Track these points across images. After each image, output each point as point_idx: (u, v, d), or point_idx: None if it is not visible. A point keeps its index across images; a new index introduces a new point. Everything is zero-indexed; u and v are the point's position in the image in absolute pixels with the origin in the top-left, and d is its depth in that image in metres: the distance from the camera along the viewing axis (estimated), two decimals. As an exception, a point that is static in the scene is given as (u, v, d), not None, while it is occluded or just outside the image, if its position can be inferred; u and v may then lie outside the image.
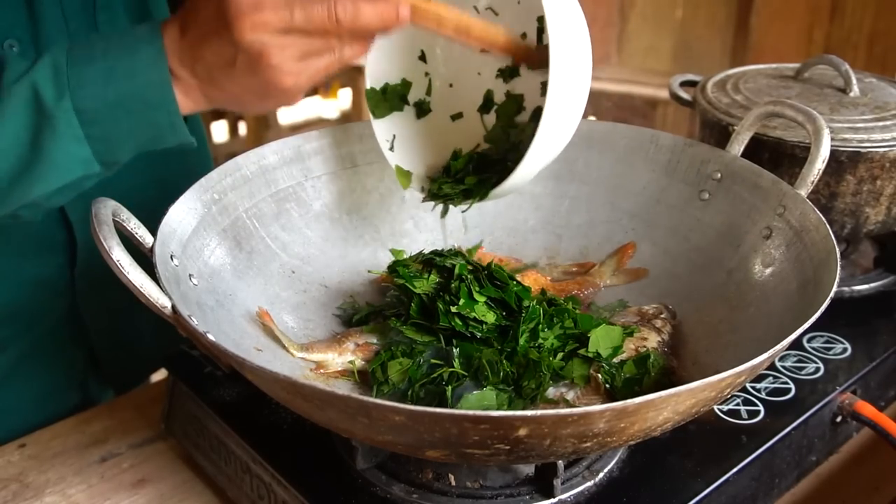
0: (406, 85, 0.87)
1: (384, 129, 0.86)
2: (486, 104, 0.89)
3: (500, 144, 0.87)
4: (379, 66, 0.84)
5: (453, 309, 0.72)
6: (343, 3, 0.63)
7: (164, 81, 0.67)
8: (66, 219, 0.94)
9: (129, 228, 0.70)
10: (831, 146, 0.80)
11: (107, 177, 0.83)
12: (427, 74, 0.88)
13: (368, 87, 0.85)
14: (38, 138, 0.67)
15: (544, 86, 0.70)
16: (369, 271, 0.88)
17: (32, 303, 0.96)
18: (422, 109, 0.88)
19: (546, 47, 0.69)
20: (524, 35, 0.84)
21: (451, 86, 0.89)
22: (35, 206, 0.72)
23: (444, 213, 0.84)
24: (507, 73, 0.87)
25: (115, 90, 0.66)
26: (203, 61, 0.66)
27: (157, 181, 0.97)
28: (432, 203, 0.84)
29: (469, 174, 0.83)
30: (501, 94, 0.88)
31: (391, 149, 0.86)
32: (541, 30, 0.82)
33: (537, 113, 0.85)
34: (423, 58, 0.87)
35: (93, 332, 1.03)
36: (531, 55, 0.77)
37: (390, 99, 0.86)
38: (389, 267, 0.80)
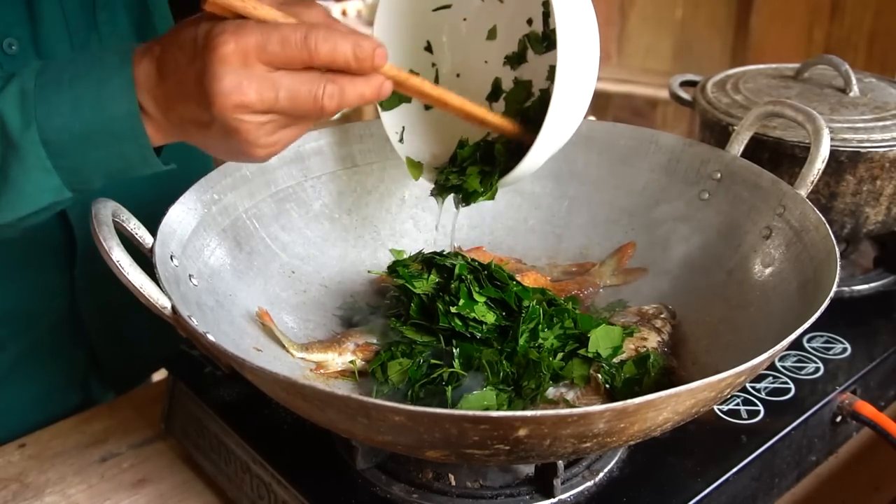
0: (414, 76, 0.86)
1: (392, 120, 0.85)
2: (495, 92, 0.88)
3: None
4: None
5: (453, 309, 0.72)
6: (330, 90, 0.61)
7: (132, 114, 0.63)
8: (66, 219, 0.94)
9: (129, 229, 0.70)
10: (831, 146, 0.80)
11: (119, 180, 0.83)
12: (434, 65, 0.87)
13: None
14: (4, 166, 0.65)
15: (552, 70, 0.70)
16: (369, 271, 0.88)
17: (32, 302, 0.96)
18: None
19: (523, 125, 0.72)
20: (530, 21, 0.83)
21: (458, 76, 0.88)
22: (9, 227, 0.70)
23: (459, 203, 0.82)
24: (515, 60, 0.87)
25: (82, 122, 0.63)
26: (178, 114, 0.64)
27: (157, 181, 0.97)
28: (436, 200, 0.83)
29: (475, 164, 0.82)
30: (509, 81, 0.87)
31: (400, 140, 0.85)
32: (546, 14, 0.81)
33: (545, 97, 0.83)
34: (429, 48, 0.87)
35: (93, 331, 1.03)
36: (501, 128, 0.79)
37: (399, 92, 0.85)
38: (389, 267, 0.80)
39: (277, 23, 0.60)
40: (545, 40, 0.84)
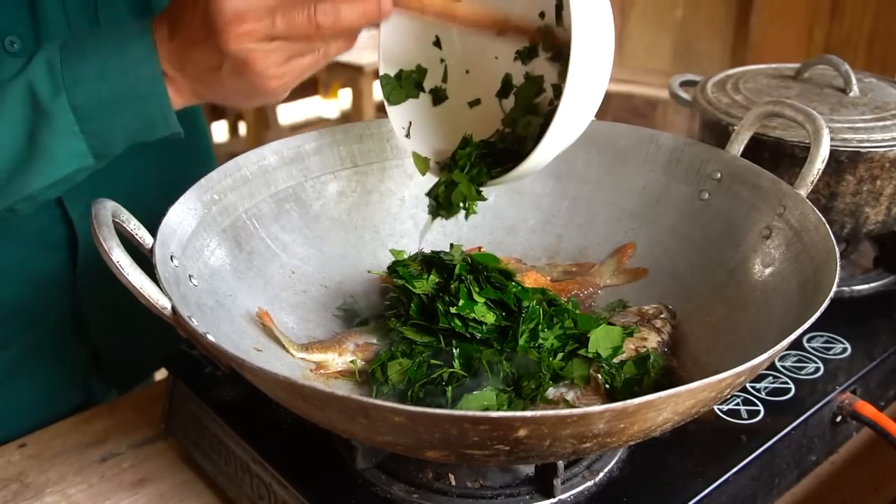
0: (421, 72, 0.84)
1: (400, 115, 0.84)
2: (505, 88, 0.86)
3: (519, 127, 0.85)
4: (393, 52, 0.82)
5: (453, 310, 0.72)
6: (323, 7, 0.64)
7: (155, 76, 0.68)
8: (67, 216, 0.94)
9: (129, 229, 0.70)
10: (831, 146, 0.80)
11: (109, 177, 0.84)
12: (442, 61, 0.86)
13: (382, 72, 0.83)
14: (35, 134, 0.69)
15: (566, 62, 0.69)
16: (369, 272, 0.88)
17: (34, 300, 0.96)
18: (438, 97, 0.86)
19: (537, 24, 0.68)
20: (542, 14, 0.82)
21: (467, 72, 0.87)
22: (31, 200, 0.74)
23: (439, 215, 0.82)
24: (525, 55, 0.85)
25: (109, 86, 0.68)
26: (191, 64, 0.68)
27: (159, 181, 0.97)
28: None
29: (476, 163, 0.82)
30: (520, 76, 0.86)
31: (407, 135, 0.84)
32: (559, 7, 0.80)
33: (558, 89, 0.82)
34: (437, 43, 0.85)
35: (95, 329, 1.03)
36: (524, 30, 0.78)
37: (405, 85, 0.83)
38: (389, 267, 0.80)
39: None
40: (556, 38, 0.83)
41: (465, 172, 0.81)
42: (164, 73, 0.69)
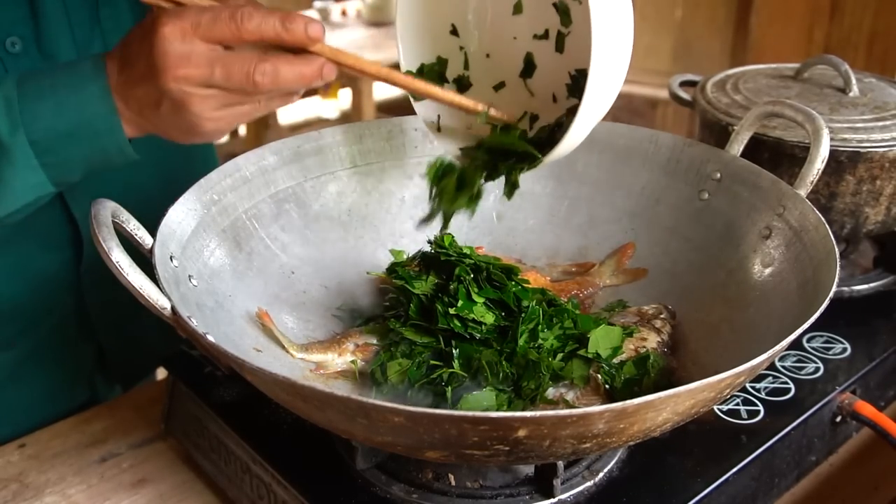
0: (442, 62, 0.84)
1: (427, 110, 0.84)
2: (528, 68, 0.86)
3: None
4: (411, 48, 0.82)
5: (452, 311, 0.72)
6: (262, 67, 0.66)
7: (110, 112, 0.71)
8: (71, 215, 0.94)
9: (128, 230, 0.70)
10: (831, 146, 0.80)
11: (110, 176, 0.84)
12: (462, 48, 0.85)
13: (405, 70, 0.82)
14: None
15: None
16: (368, 273, 0.88)
17: (39, 299, 0.97)
18: (462, 84, 0.86)
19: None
20: None
21: (487, 56, 0.86)
22: None
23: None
24: (544, 37, 0.84)
25: (66, 122, 0.70)
26: (134, 99, 0.70)
27: (160, 181, 0.97)
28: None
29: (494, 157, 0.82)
30: (542, 55, 0.85)
31: (438, 129, 0.84)
32: None
33: (581, 76, 0.82)
34: (454, 32, 0.85)
35: (99, 327, 1.03)
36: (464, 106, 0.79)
37: (428, 79, 0.82)
38: (388, 269, 0.79)
39: (212, 5, 0.66)
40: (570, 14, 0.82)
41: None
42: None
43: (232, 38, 0.65)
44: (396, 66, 0.81)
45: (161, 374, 1.14)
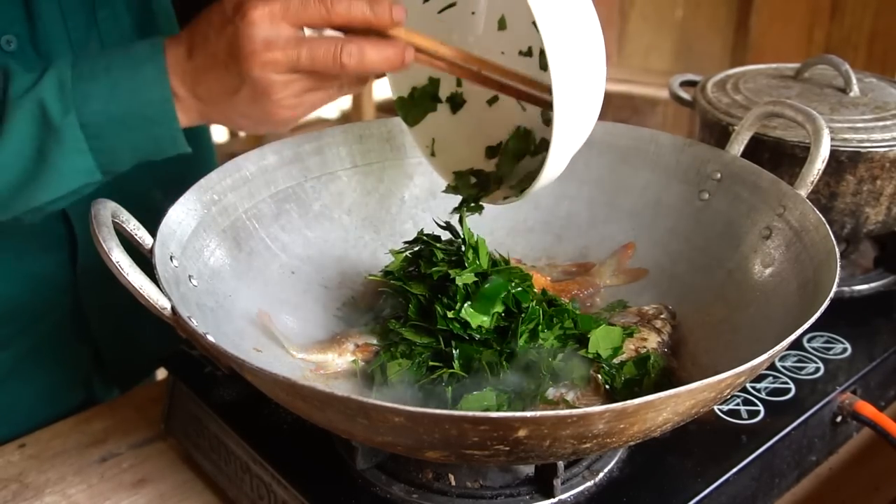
0: (434, 82, 0.85)
1: (421, 134, 0.85)
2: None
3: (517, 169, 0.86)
4: (400, 74, 0.83)
5: (450, 314, 0.72)
6: (348, 48, 0.66)
7: (165, 99, 0.69)
8: (66, 215, 0.94)
9: (128, 230, 0.70)
10: (831, 146, 0.80)
11: (121, 177, 0.84)
12: None
13: (396, 97, 0.84)
14: (43, 150, 0.70)
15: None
16: (367, 276, 0.88)
17: (35, 299, 0.97)
18: (456, 102, 0.86)
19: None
20: (529, 50, 0.82)
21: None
22: (37, 211, 0.75)
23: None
24: (528, 54, 0.85)
25: (119, 106, 0.69)
26: (206, 86, 0.69)
27: (159, 180, 0.97)
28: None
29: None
30: (530, 70, 0.84)
31: (432, 154, 0.85)
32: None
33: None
34: None
35: (96, 328, 1.03)
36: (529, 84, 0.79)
37: (420, 102, 0.84)
38: (384, 271, 0.79)
39: None
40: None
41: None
42: (173, 92, 0.69)
43: (321, 21, 0.65)
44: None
45: (161, 374, 1.14)
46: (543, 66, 0.83)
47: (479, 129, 0.86)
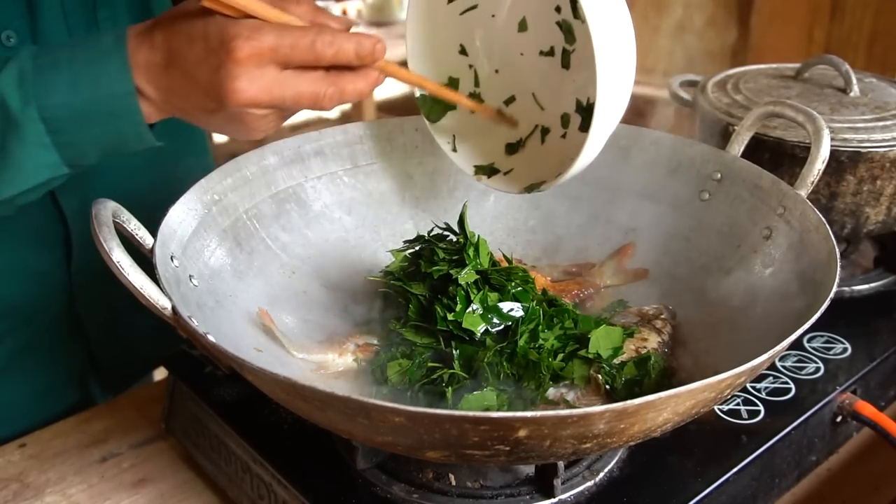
0: (453, 82, 0.87)
1: (442, 130, 0.87)
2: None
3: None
4: (422, 70, 0.84)
5: (450, 316, 0.72)
6: (331, 92, 0.67)
7: (128, 93, 0.67)
8: (61, 212, 0.93)
9: (129, 229, 0.70)
10: (831, 146, 0.80)
11: (102, 177, 0.83)
12: (471, 66, 0.88)
13: (418, 95, 0.86)
14: (4, 144, 0.68)
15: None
16: (366, 277, 0.88)
17: (29, 297, 0.96)
18: (475, 101, 0.88)
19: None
20: (558, 8, 0.83)
21: (497, 72, 0.89)
22: (6, 204, 0.73)
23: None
24: (550, 53, 0.87)
25: (81, 99, 0.67)
26: (182, 102, 0.68)
27: (157, 183, 0.97)
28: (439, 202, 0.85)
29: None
30: (550, 69, 0.87)
31: (454, 150, 0.87)
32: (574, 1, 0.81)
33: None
34: (463, 51, 0.87)
35: (91, 328, 1.03)
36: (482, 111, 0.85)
37: (441, 100, 0.86)
38: (384, 272, 0.79)
39: (287, 26, 0.65)
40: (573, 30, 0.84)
41: None
42: (141, 92, 0.68)
43: (308, 64, 0.66)
44: (403, 64, 0.82)
45: (161, 374, 1.14)
46: (566, 64, 0.86)
47: (498, 127, 0.88)
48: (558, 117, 0.87)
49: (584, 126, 0.80)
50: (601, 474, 0.70)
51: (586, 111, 0.83)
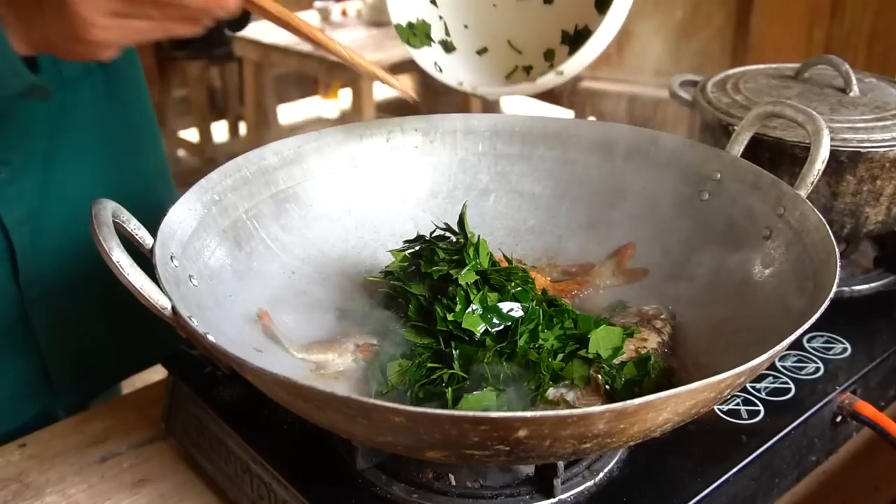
0: (425, 25, 0.89)
1: (425, 57, 0.89)
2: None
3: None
4: (399, 5, 0.87)
5: (450, 317, 0.72)
6: None
7: None
8: (3, 225, 0.90)
9: (129, 230, 0.70)
10: (831, 146, 0.80)
11: (53, 187, 0.81)
12: (441, 17, 0.90)
13: (395, 23, 0.88)
14: None
15: None
16: (366, 278, 0.88)
17: None
18: (447, 47, 0.90)
19: None
20: None
21: (465, 27, 0.91)
22: None
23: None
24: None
25: None
26: (42, 28, 0.66)
27: (157, 181, 0.96)
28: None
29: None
30: (528, 12, 0.90)
31: (440, 70, 0.88)
32: None
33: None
34: (433, 1, 0.90)
35: (46, 341, 0.98)
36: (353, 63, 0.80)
37: (419, 34, 0.88)
38: (384, 272, 0.79)
39: None
40: None
41: None
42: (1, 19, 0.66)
43: None
44: (395, 67, 0.83)
45: (161, 373, 1.14)
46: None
47: (478, 59, 0.90)
48: (540, 55, 0.89)
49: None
50: (601, 474, 0.70)
51: (577, 34, 0.86)
